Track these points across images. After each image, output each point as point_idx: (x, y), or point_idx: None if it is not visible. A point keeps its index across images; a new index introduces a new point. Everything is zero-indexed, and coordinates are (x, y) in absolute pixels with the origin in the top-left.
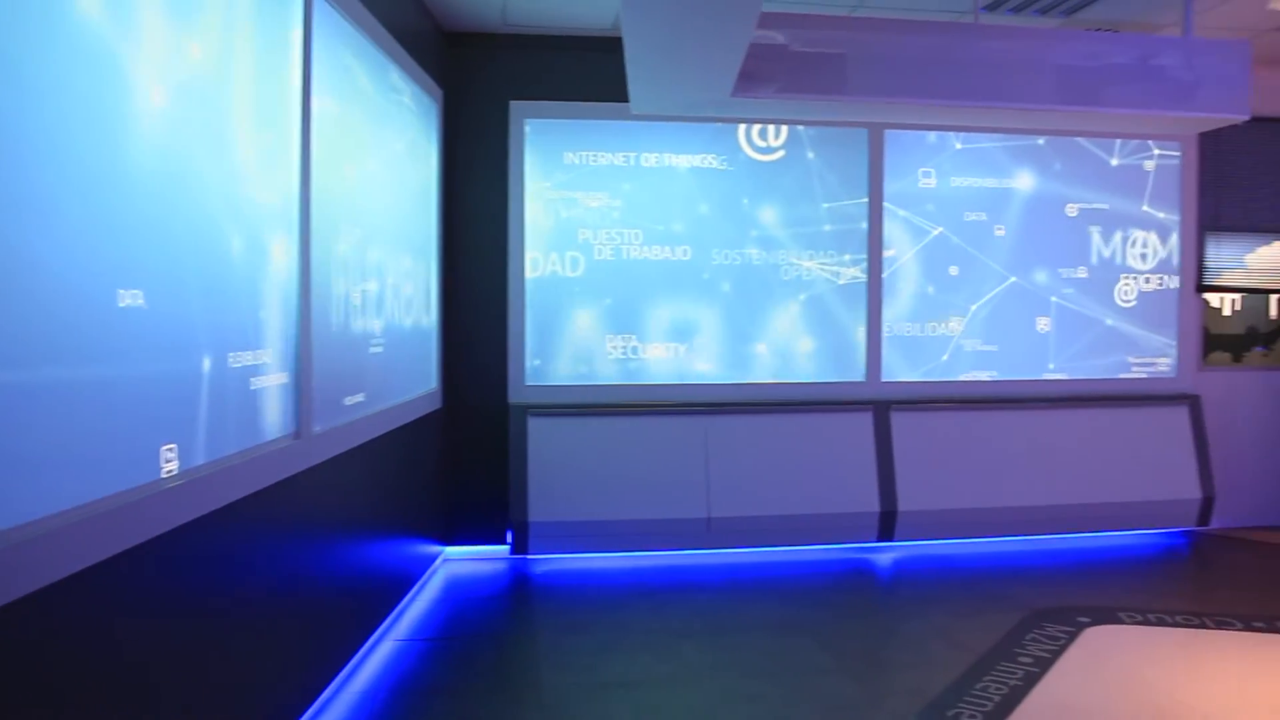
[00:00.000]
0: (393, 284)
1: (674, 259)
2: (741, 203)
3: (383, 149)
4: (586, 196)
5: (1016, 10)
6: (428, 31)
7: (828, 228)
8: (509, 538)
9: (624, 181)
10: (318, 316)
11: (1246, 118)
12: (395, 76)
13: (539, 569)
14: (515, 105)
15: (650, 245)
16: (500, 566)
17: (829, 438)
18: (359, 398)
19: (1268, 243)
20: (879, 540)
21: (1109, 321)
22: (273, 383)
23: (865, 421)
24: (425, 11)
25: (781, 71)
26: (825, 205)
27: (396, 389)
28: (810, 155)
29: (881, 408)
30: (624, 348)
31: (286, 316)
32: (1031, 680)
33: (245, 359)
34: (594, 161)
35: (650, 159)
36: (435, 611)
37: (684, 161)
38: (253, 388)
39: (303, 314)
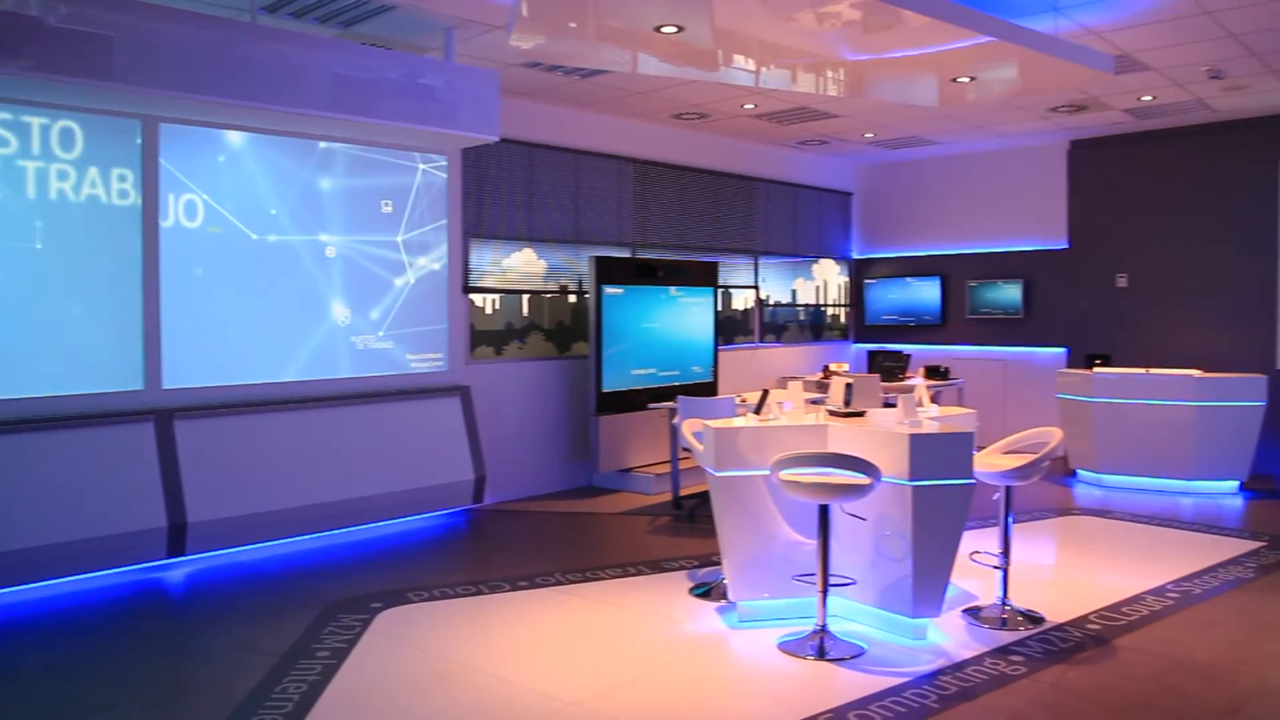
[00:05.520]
0: None
1: None
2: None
3: None
4: None
5: (296, 15)
6: None
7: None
8: None
9: None
10: None
11: (497, 139)
12: None
13: None
14: None
15: None
16: None
17: (105, 452)
18: None
19: (520, 249)
20: (170, 556)
21: (384, 321)
22: None
23: (146, 432)
24: None
25: (36, 47)
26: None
27: None
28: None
29: (164, 416)
30: None
31: None
32: (330, 673)
33: None
34: None
35: None
36: None
37: None
38: None
39: None
